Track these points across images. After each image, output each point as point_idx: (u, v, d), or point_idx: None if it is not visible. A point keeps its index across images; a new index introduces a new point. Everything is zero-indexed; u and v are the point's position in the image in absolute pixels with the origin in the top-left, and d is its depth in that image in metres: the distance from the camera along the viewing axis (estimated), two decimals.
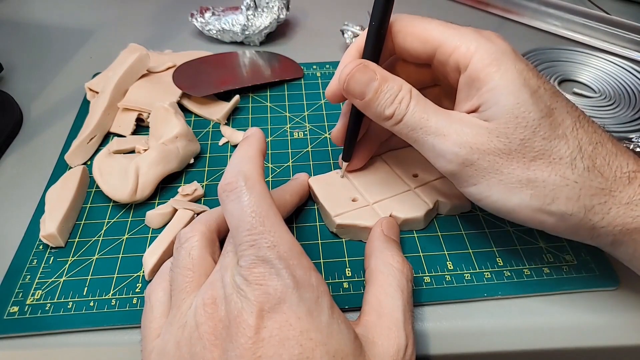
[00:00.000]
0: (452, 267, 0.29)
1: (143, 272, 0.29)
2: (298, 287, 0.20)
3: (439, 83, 0.30)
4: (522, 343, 0.27)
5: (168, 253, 0.29)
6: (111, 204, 0.34)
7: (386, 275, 0.24)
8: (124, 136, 0.38)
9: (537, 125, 0.23)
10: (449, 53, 0.25)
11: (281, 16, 0.48)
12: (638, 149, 0.36)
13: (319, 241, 0.31)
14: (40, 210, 0.33)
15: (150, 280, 0.29)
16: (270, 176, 0.36)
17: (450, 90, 0.27)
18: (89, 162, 0.37)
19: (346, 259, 0.30)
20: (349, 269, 0.29)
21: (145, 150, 0.35)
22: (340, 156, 0.32)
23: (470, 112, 0.25)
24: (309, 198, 0.34)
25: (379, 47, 0.27)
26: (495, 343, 0.27)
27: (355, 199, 0.31)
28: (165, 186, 0.35)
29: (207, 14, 0.50)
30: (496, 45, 0.24)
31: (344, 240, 0.31)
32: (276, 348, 0.19)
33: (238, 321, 0.19)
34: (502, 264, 0.29)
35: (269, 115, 0.41)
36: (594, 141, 0.23)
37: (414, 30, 0.26)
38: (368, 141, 0.33)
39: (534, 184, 0.23)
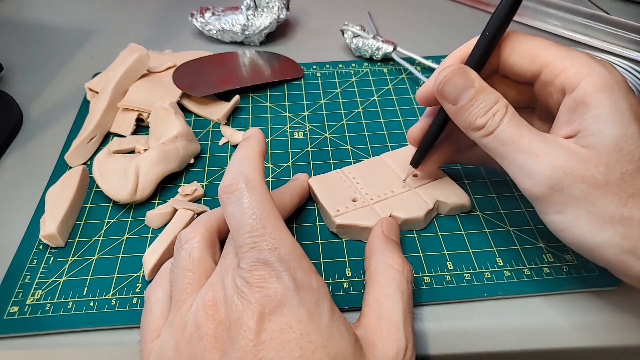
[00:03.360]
0: (452, 267, 0.29)
1: (143, 272, 0.29)
2: (299, 290, 0.20)
3: (534, 105, 0.28)
4: (522, 343, 0.27)
5: (168, 253, 0.29)
6: (111, 204, 0.34)
7: (386, 276, 0.24)
8: (124, 136, 0.38)
9: None
10: (557, 73, 0.23)
11: (281, 16, 0.48)
12: None
13: (319, 241, 0.31)
14: (40, 210, 0.33)
15: (150, 281, 0.29)
16: (270, 176, 0.36)
17: (547, 114, 0.26)
18: (89, 162, 0.37)
19: (346, 259, 0.30)
20: (349, 269, 0.29)
21: (145, 150, 0.35)
22: (410, 160, 0.31)
23: (568, 137, 0.23)
24: (309, 198, 0.34)
25: (485, 58, 0.25)
26: (495, 343, 0.27)
27: (355, 199, 0.31)
28: (165, 186, 0.35)
29: (207, 14, 0.50)
30: (610, 73, 0.22)
31: (344, 240, 0.31)
32: (276, 351, 0.19)
33: (239, 323, 0.19)
34: (502, 264, 0.29)
35: (269, 115, 0.41)
36: None
37: (523, 47, 0.25)
38: (446, 147, 0.31)
39: (629, 222, 0.21)
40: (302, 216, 0.33)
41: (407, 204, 0.31)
